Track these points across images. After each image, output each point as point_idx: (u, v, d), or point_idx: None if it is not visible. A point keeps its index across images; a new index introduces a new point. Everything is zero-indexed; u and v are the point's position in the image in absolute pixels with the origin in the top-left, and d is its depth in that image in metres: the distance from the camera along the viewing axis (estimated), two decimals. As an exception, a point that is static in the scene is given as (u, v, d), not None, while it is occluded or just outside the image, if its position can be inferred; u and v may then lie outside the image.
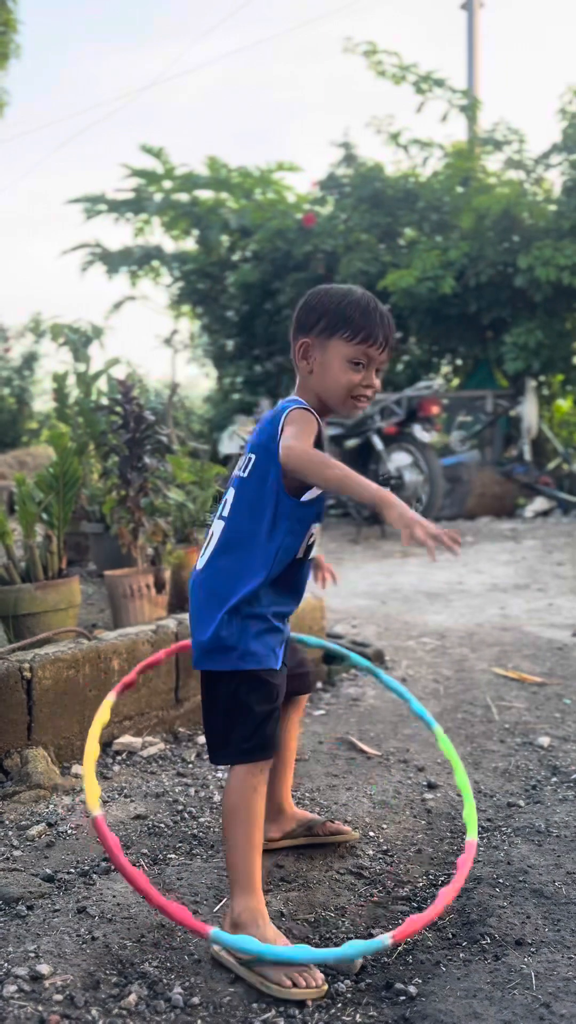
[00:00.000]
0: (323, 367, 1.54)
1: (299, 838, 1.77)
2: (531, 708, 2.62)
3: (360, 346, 1.52)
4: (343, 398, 1.54)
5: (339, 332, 1.52)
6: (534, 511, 7.49)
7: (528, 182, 8.52)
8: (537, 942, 1.45)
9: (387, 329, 1.55)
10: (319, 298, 1.56)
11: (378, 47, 8.80)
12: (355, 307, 1.53)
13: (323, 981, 1.34)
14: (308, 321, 1.55)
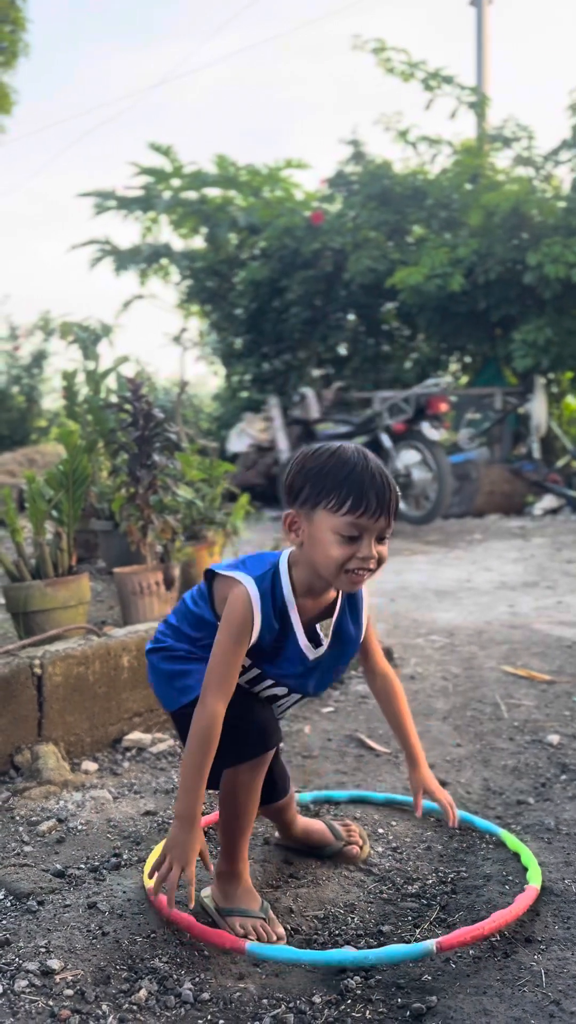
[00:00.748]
0: (312, 541, 1.38)
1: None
2: (540, 706, 2.62)
3: (349, 517, 1.35)
4: (336, 575, 1.38)
5: (324, 502, 1.36)
6: (543, 509, 7.47)
7: (537, 179, 8.50)
8: (547, 940, 1.45)
9: (382, 492, 1.36)
10: (302, 462, 1.41)
11: (387, 44, 8.78)
12: (341, 471, 1.36)
13: (280, 936, 1.43)
14: (292, 490, 1.41)
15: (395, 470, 6.38)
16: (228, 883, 1.52)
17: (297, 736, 2.39)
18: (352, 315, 9.82)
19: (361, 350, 9.79)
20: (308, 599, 1.47)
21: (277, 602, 1.44)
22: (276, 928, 1.46)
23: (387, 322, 9.84)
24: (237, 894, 1.49)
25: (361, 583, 1.42)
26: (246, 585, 1.42)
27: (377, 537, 1.38)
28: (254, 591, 1.42)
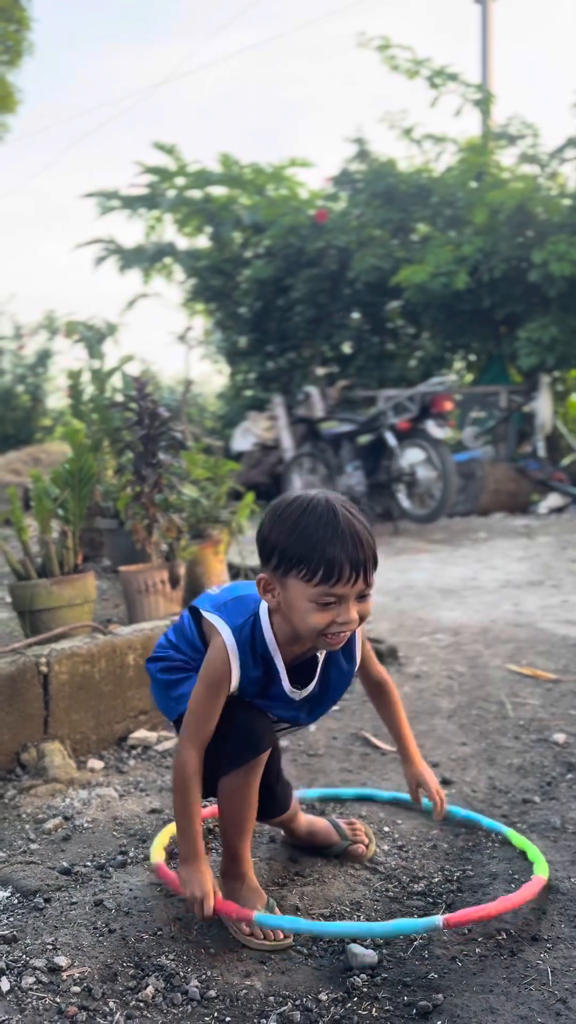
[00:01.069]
0: (288, 606, 1.34)
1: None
2: (546, 705, 2.62)
3: (322, 587, 1.29)
4: (315, 639, 1.36)
5: (295, 571, 1.30)
6: (548, 507, 7.46)
7: (542, 176, 8.48)
8: (553, 938, 1.45)
9: (355, 557, 1.29)
10: (272, 522, 1.35)
11: (391, 41, 8.77)
12: (311, 537, 1.29)
13: (285, 935, 1.42)
14: (264, 548, 1.36)
15: (399, 469, 6.37)
16: (234, 882, 1.53)
17: (302, 734, 2.40)
18: (356, 313, 9.82)
19: (366, 348, 9.79)
20: (294, 646, 1.44)
21: (258, 649, 1.42)
22: None
23: (392, 320, 9.83)
24: (243, 893, 1.50)
25: (341, 643, 1.38)
26: (223, 637, 1.40)
27: (357, 596, 1.34)
28: (231, 642, 1.40)
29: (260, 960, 1.41)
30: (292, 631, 1.40)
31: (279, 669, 1.44)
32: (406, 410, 6.40)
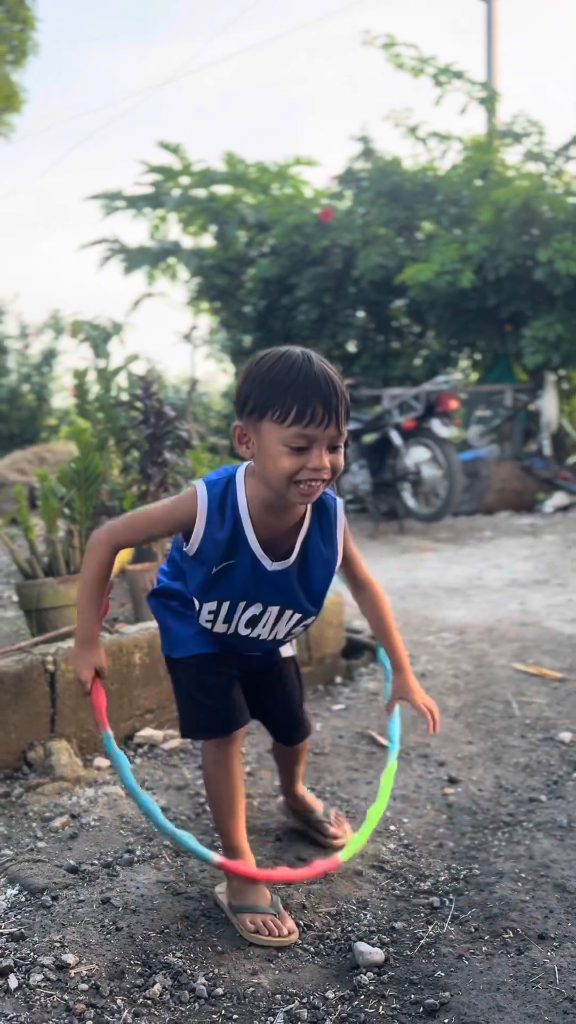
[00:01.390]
0: (261, 453, 1.34)
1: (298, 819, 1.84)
2: (552, 703, 2.61)
3: (295, 428, 1.29)
4: (286, 487, 1.33)
5: (269, 414, 1.31)
6: (554, 506, 7.44)
7: (548, 175, 8.45)
8: (560, 936, 1.45)
9: (328, 399, 1.30)
10: (248, 372, 1.37)
11: (396, 40, 8.75)
12: (285, 379, 1.30)
13: (290, 931, 1.46)
14: (240, 398, 1.37)
15: (405, 467, 6.36)
16: (237, 879, 1.53)
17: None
18: (361, 312, 9.80)
19: (371, 347, 9.77)
20: (270, 516, 1.42)
21: (227, 506, 1.41)
22: (287, 923, 1.48)
23: (397, 319, 9.81)
24: (246, 892, 1.51)
25: (314, 495, 1.36)
26: (196, 488, 1.43)
27: (329, 446, 1.33)
28: (202, 494, 1.41)
29: (267, 958, 1.41)
30: (267, 491, 1.38)
31: (245, 526, 1.41)
32: (411, 409, 6.39)
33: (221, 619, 1.49)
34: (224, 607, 1.47)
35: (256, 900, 1.50)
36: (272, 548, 1.45)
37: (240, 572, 1.43)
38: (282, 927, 1.46)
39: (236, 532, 1.41)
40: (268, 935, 1.44)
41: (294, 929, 1.47)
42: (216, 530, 1.41)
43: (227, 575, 1.44)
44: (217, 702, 1.53)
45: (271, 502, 1.40)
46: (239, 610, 1.48)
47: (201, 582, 1.46)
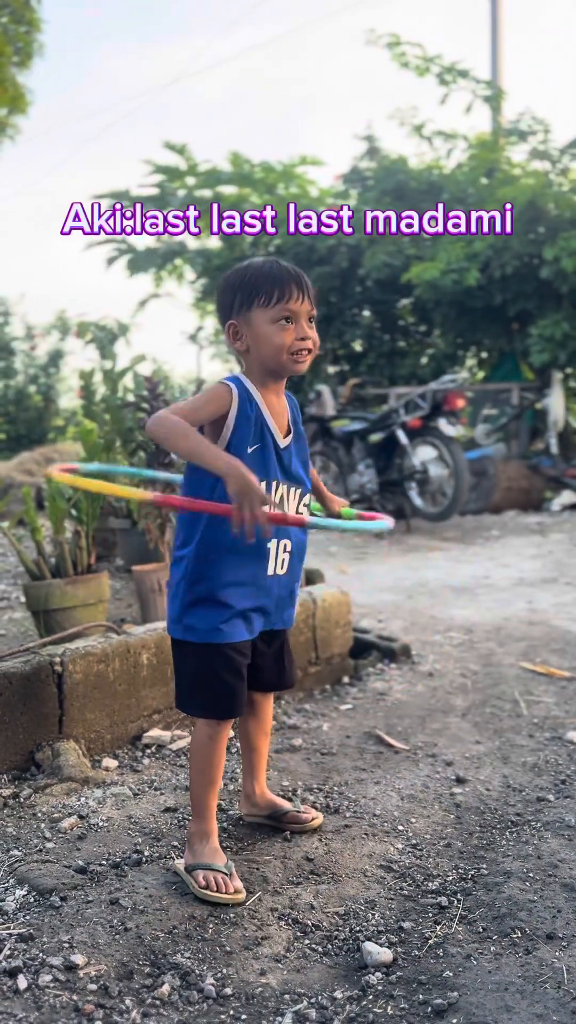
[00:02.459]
0: (255, 339, 1.60)
1: (264, 819, 1.87)
2: (560, 703, 2.61)
3: (279, 305, 1.58)
4: (283, 358, 1.60)
5: (256, 302, 1.58)
6: (561, 504, 7.42)
7: (554, 172, 8.44)
8: (568, 936, 1.44)
9: (299, 280, 1.60)
10: (226, 281, 1.64)
11: (401, 39, 8.75)
12: (259, 273, 1.59)
13: (236, 890, 1.55)
14: (224, 305, 1.62)
15: (412, 466, 6.36)
16: (198, 842, 1.65)
17: (316, 733, 2.40)
18: (367, 311, 9.80)
19: (377, 346, 9.77)
20: (271, 398, 1.65)
21: (246, 392, 1.62)
22: (235, 882, 1.58)
23: (403, 318, 9.81)
24: (204, 852, 1.63)
25: (305, 363, 1.61)
26: (222, 381, 1.63)
27: (307, 319, 1.61)
28: (231, 380, 1.62)
29: (275, 958, 1.41)
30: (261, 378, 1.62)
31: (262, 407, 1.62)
32: (418, 408, 6.38)
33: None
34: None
35: (212, 859, 1.61)
36: (278, 429, 1.66)
37: (267, 452, 1.63)
38: (230, 886, 1.56)
39: (258, 415, 1.62)
40: (216, 891, 1.55)
41: (240, 889, 1.57)
42: (246, 405, 1.60)
43: (258, 456, 1.61)
44: (227, 689, 1.63)
45: (269, 386, 1.64)
46: (271, 492, 1.63)
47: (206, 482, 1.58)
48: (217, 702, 1.64)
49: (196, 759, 1.67)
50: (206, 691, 1.64)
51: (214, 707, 1.65)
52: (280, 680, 1.80)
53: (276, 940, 1.46)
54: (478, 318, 8.59)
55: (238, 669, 1.66)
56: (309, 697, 2.70)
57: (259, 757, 1.87)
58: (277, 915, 1.54)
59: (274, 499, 1.64)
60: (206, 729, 1.66)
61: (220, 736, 1.66)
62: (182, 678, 1.68)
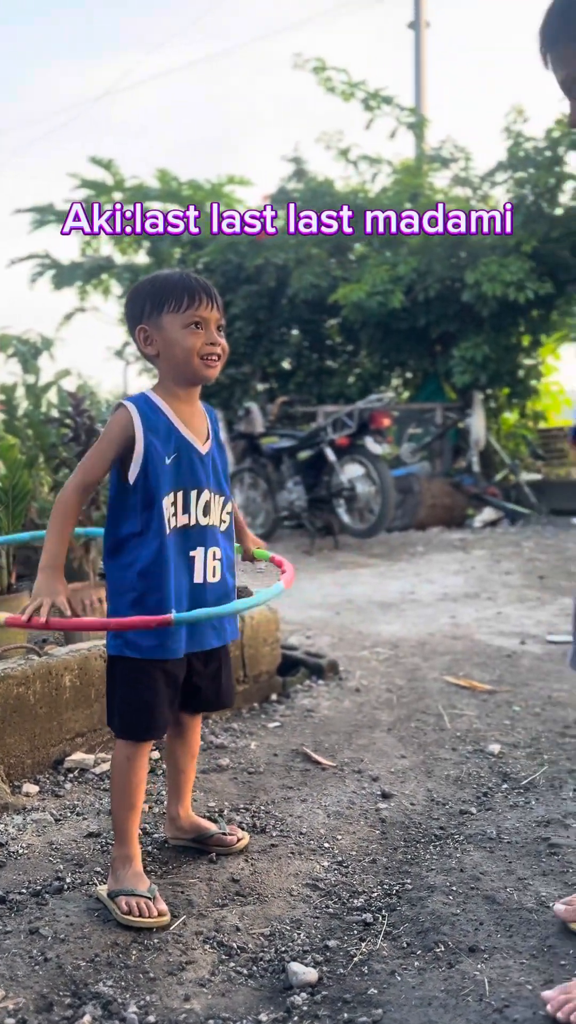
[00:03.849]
0: (165, 343, 1.63)
1: (189, 842, 1.85)
2: (481, 715, 2.66)
3: (189, 311, 1.61)
4: (194, 363, 1.63)
5: (166, 307, 1.62)
6: (483, 521, 7.61)
7: (474, 199, 8.71)
8: (490, 948, 1.47)
9: (208, 289, 1.65)
10: (136, 290, 1.68)
11: (327, 64, 8.92)
12: (169, 282, 1.64)
13: (161, 913, 1.54)
14: (135, 311, 1.66)
15: (339, 484, 6.43)
16: (121, 867, 1.62)
17: (243, 752, 2.39)
18: (296, 330, 9.90)
19: (305, 365, 9.87)
20: (182, 406, 1.67)
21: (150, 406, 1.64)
22: (159, 906, 1.56)
23: (330, 337, 9.94)
24: (127, 877, 1.61)
25: (216, 369, 1.65)
26: (119, 404, 1.64)
27: (216, 327, 1.65)
28: (126, 403, 1.63)
29: (200, 983, 1.39)
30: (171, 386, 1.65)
31: (170, 416, 1.64)
32: (345, 426, 6.46)
33: (181, 509, 1.63)
34: (180, 496, 1.63)
35: (135, 884, 1.59)
36: (195, 436, 1.67)
37: (185, 460, 1.64)
38: (153, 910, 1.54)
39: (168, 425, 1.63)
40: (139, 916, 1.53)
41: (165, 912, 1.55)
42: (153, 425, 1.61)
43: (179, 465, 1.63)
44: (150, 709, 1.62)
45: (179, 394, 1.66)
46: (192, 499, 1.64)
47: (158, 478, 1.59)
48: (137, 722, 1.63)
49: (116, 781, 1.65)
50: (128, 710, 1.62)
51: (133, 728, 1.63)
52: (218, 700, 1.78)
53: (201, 964, 1.44)
54: (403, 339, 8.78)
55: (173, 688, 1.65)
56: (237, 716, 2.69)
57: (185, 779, 1.85)
58: (202, 938, 1.52)
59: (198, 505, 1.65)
60: (124, 750, 1.64)
61: (138, 757, 1.64)
62: (111, 695, 1.66)
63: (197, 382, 1.68)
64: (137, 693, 1.61)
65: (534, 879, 1.69)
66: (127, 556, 1.60)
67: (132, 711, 1.62)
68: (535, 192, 7.89)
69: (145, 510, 1.59)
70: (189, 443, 1.65)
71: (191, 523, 1.64)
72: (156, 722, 1.64)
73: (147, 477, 1.58)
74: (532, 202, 7.85)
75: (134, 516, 1.60)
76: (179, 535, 1.63)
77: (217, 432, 1.74)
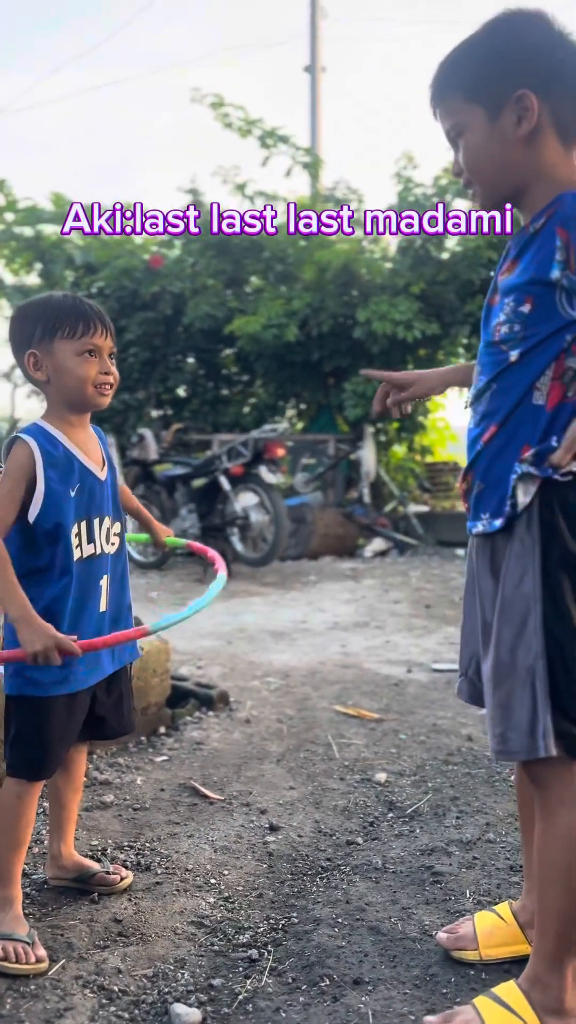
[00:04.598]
0: (57, 370, 1.59)
1: (71, 882, 1.79)
2: (369, 744, 2.70)
3: (84, 339, 1.58)
4: (88, 391, 1.60)
5: (58, 333, 1.57)
6: (373, 551, 7.78)
7: (366, 240, 9.00)
8: (374, 980, 1.48)
9: (102, 317, 1.62)
10: (25, 312, 1.62)
11: (225, 100, 9.06)
12: (63, 307, 1.59)
13: (39, 959, 1.49)
14: (24, 335, 1.60)
15: (233, 512, 6.43)
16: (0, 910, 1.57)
17: (129, 788, 2.33)
18: (192, 358, 9.90)
19: (200, 393, 9.87)
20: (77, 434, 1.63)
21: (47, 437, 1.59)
22: (37, 951, 1.51)
23: (226, 367, 9.99)
24: (7, 920, 1.55)
25: (108, 397, 1.63)
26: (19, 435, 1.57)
27: (108, 356, 1.62)
28: (23, 436, 1.56)
29: (78, 1033, 1.34)
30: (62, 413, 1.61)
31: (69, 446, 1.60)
32: (240, 455, 6.49)
33: (86, 539, 1.60)
34: (84, 527, 1.60)
35: (13, 928, 1.54)
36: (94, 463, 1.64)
37: (87, 489, 1.60)
38: (31, 955, 1.50)
39: (67, 455, 1.59)
40: (16, 962, 1.48)
41: (44, 957, 1.51)
42: (53, 459, 1.56)
43: (79, 495, 1.59)
44: (52, 748, 1.58)
45: (72, 420, 1.62)
46: (96, 527, 1.61)
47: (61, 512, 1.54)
48: (34, 760, 1.57)
49: (3, 820, 1.58)
50: (27, 748, 1.56)
51: (29, 766, 1.57)
52: (121, 727, 1.74)
53: (80, 1010, 1.39)
54: (297, 372, 8.92)
55: (76, 722, 1.61)
56: (123, 750, 2.62)
57: (68, 815, 1.79)
58: (82, 983, 1.46)
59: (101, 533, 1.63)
60: (15, 787, 1.58)
61: (30, 795, 1.59)
62: (15, 737, 1.58)
63: (89, 410, 1.65)
64: (38, 733, 1.55)
65: (418, 908, 1.72)
66: (30, 591, 1.51)
67: (31, 748, 1.56)
68: (423, 236, 8.23)
69: (50, 545, 1.54)
70: (89, 471, 1.62)
71: (96, 552, 1.61)
72: (55, 760, 1.59)
73: (50, 514, 1.53)
74: (420, 246, 8.18)
75: (36, 552, 1.55)
76: (85, 565, 1.59)
77: (110, 456, 1.72)
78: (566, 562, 1.25)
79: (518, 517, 1.28)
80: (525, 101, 1.27)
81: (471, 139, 1.33)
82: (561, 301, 1.24)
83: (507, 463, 1.29)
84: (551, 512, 1.26)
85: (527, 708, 1.26)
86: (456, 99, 1.34)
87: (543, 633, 1.25)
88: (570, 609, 1.25)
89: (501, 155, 1.31)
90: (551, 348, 1.26)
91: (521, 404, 1.28)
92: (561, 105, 1.29)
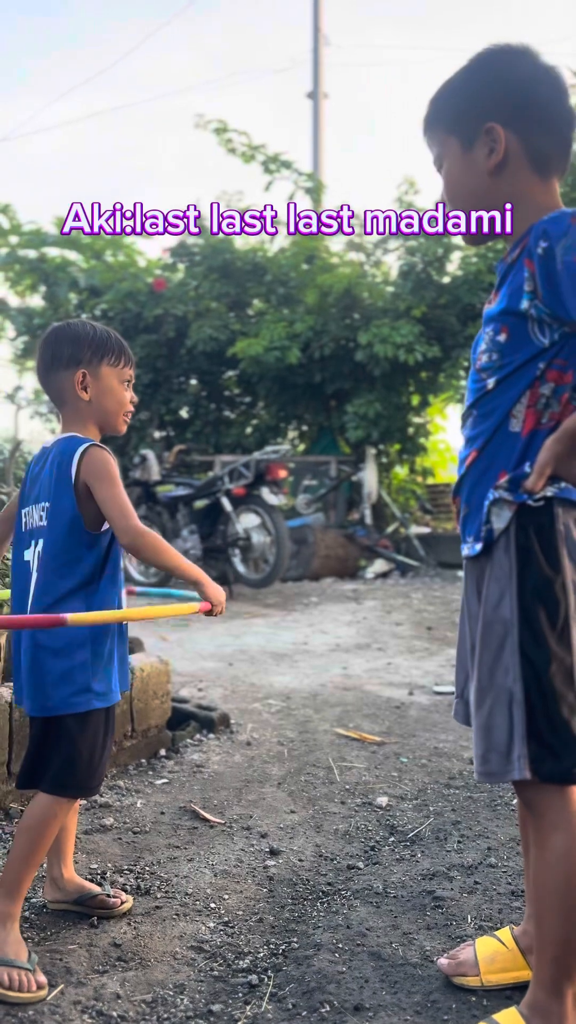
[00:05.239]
0: (102, 393, 1.69)
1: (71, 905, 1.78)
2: (371, 767, 2.69)
3: (126, 368, 1.73)
4: (121, 417, 1.73)
5: (105, 359, 1.69)
6: (374, 572, 7.78)
7: (368, 264, 9.09)
8: (375, 1006, 1.47)
9: (130, 351, 1.76)
10: (73, 331, 1.70)
11: (229, 126, 9.20)
12: (107, 336, 1.71)
13: (40, 986, 1.48)
14: (74, 354, 1.68)
15: (235, 533, 6.44)
16: (1, 927, 1.55)
17: (129, 811, 2.32)
18: (194, 380, 9.97)
19: (203, 414, 9.93)
20: None
21: None
22: (38, 977, 1.50)
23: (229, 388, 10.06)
24: (9, 942, 1.54)
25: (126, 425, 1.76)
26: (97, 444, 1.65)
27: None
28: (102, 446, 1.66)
29: None
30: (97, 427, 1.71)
31: None
32: (242, 476, 6.52)
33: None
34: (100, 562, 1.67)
35: (16, 953, 1.52)
36: None
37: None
38: (32, 983, 1.48)
39: None
40: (17, 991, 1.47)
41: (44, 984, 1.50)
42: None
43: None
44: (104, 762, 1.62)
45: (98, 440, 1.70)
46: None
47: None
48: (88, 778, 1.59)
49: (34, 837, 1.57)
50: (84, 764, 1.57)
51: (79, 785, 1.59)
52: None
53: (78, 1039, 1.38)
54: (299, 394, 8.98)
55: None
56: (123, 773, 2.61)
57: (68, 837, 1.79)
58: (80, 1008, 1.45)
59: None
60: (54, 806, 1.58)
61: (66, 813, 1.62)
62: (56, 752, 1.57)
63: (112, 432, 1.75)
64: (100, 746, 1.60)
65: (419, 933, 1.70)
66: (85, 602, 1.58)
67: (88, 765, 1.58)
68: (424, 260, 8.31)
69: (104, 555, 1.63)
70: None
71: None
72: (104, 772, 1.63)
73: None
74: (422, 270, 8.25)
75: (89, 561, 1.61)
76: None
77: None
78: (542, 586, 1.26)
79: (496, 541, 1.30)
80: (493, 133, 1.33)
81: (449, 168, 1.41)
82: (533, 330, 1.27)
83: (486, 488, 1.32)
84: (527, 537, 1.28)
85: (505, 730, 1.27)
86: (439, 130, 1.42)
87: (519, 657, 1.26)
88: (546, 633, 1.26)
89: (474, 185, 1.38)
90: (525, 376, 1.29)
91: (499, 430, 1.31)
92: (533, 137, 1.34)
